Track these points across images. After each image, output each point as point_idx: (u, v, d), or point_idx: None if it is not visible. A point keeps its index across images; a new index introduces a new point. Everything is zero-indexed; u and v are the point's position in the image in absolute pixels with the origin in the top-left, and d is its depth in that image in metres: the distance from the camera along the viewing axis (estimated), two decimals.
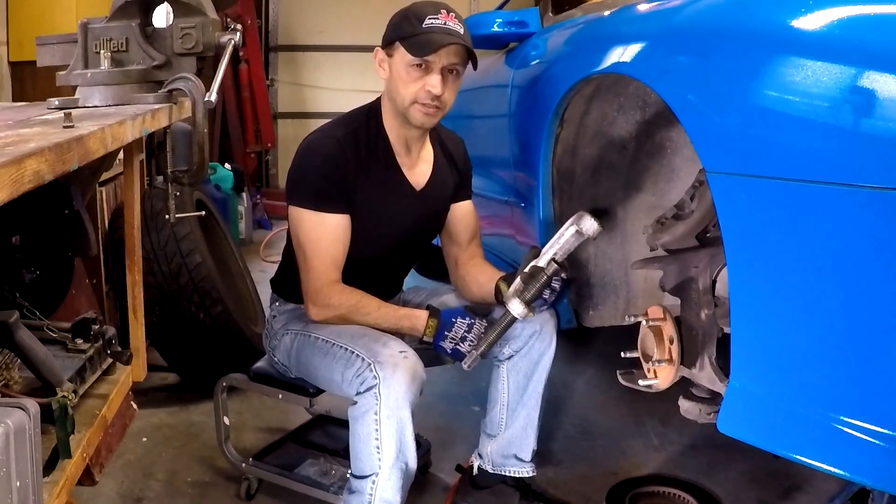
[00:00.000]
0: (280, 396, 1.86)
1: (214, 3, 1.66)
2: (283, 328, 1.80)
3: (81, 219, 1.73)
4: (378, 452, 1.51)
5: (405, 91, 1.65)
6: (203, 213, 2.58)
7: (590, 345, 2.97)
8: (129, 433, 2.26)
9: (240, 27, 1.73)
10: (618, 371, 1.63)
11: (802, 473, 2.01)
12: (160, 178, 1.76)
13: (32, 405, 1.12)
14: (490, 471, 1.89)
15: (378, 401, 1.50)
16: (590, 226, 1.61)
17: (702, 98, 1.23)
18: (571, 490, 2.00)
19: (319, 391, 1.80)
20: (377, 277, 1.75)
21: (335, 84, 6.38)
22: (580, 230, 1.62)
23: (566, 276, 1.67)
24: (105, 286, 2.50)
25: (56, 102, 1.54)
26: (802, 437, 1.11)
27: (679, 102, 1.27)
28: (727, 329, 1.37)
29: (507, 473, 1.87)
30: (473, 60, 1.68)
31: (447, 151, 1.87)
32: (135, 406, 2.36)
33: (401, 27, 1.64)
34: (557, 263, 1.62)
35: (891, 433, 1.01)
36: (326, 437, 2.14)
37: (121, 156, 2.00)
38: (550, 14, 2.33)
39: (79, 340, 1.64)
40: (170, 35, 1.61)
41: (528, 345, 1.78)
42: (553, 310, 1.80)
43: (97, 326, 1.68)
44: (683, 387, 1.50)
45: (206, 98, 1.55)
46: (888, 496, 1.35)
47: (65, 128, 1.13)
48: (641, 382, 1.56)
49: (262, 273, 3.77)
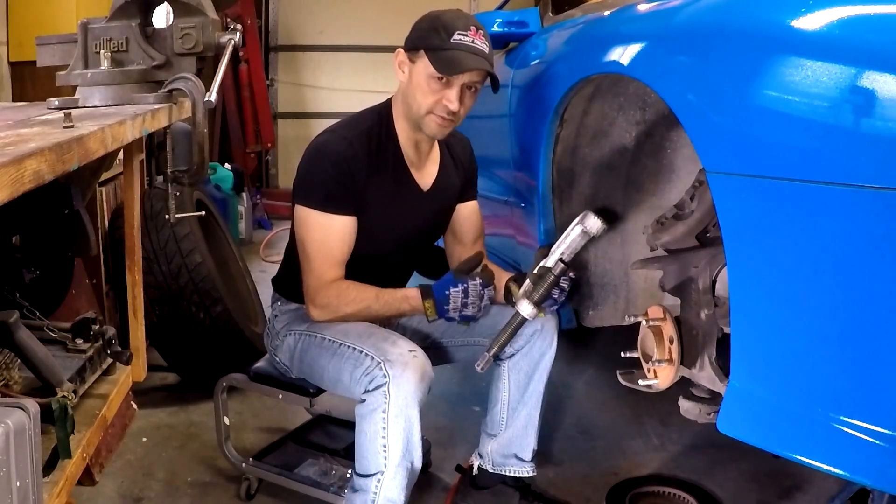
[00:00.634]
0: (280, 396, 1.86)
1: (214, 3, 1.67)
2: (286, 328, 1.80)
3: (81, 219, 1.73)
4: (384, 451, 1.51)
5: (423, 100, 1.66)
6: (203, 213, 2.58)
7: (590, 345, 2.97)
8: (129, 433, 2.26)
9: (240, 27, 1.73)
10: (618, 371, 1.63)
11: (802, 473, 2.01)
12: (160, 178, 1.76)
13: (32, 405, 1.12)
14: (490, 470, 1.89)
15: (387, 399, 1.49)
16: (593, 224, 1.61)
17: (702, 98, 1.23)
18: (571, 490, 2.00)
19: (319, 391, 1.80)
20: (381, 277, 1.75)
21: (335, 84, 6.38)
22: (585, 229, 1.62)
23: (574, 276, 1.67)
24: (105, 286, 2.51)
25: (56, 102, 1.54)
26: (802, 437, 1.11)
27: (679, 102, 1.27)
28: (727, 329, 1.37)
29: (508, 473, 1.87)
30: (494, 82, 1.71)
31: (454, 152, 1.88)
32: (135, 406, 2.36)
33: (429, 37, 1.63)
34: (565, 263, 1.63)
35: (891, 433, 1.01)
36: (326, 438, 2.14)
37: (121, 156, 2.01)
38: (550, 14, 2.33)
39: (79, 340, 1.64)
40: (170, 35, 1.61)
41: (530, 343, 1.78)
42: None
43: (97, 326, 1.68)
44: (683, 387, 1.50)
45: (206, 98, 1.55)
46: (888, 496, 1.35)
47: (65, 128, 1.13)
48: (641, 382, 1.56)
49: (262, 273, 3.77)
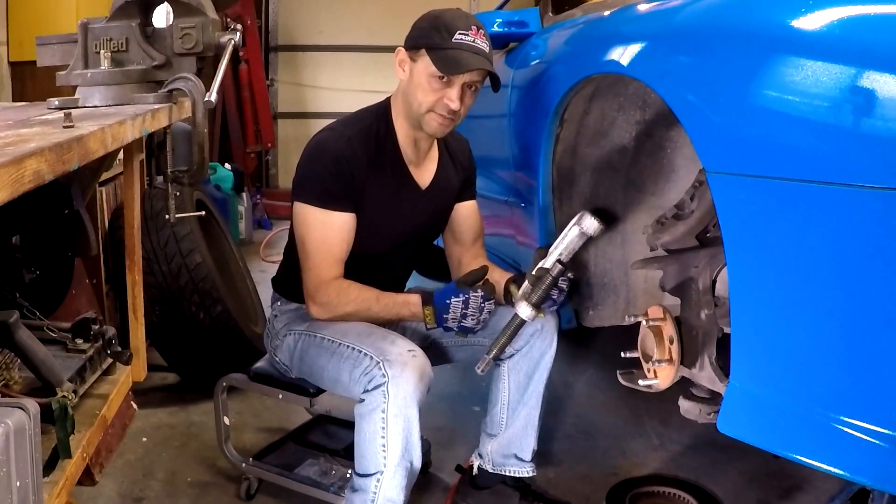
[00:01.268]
0: (280, 396, 1.86)
1: (214, 3, 1.66)
2: (286, 328, 1.80)
3: (81, 219, 1.73)
4: (384, 451, 1.51)
5: (424, 99, 1.67)
6: (203, 213, 2.58)
7: (590, 345, 2.97)
8: (129, 433, 2.26)
9: (240, 27, 1.73)
10: (618, 371, 1.63)
11: (802, 473, 2.01)
12: (160, 178, 1.76)
13: (32, 405, 1.12)
14: (490, 471, 1.89)
15: (386, 399, 1.50)
16: (590, 224, 1.61)
17: (702, 98, 1.23)
18: (571, 490, 2.00)
19: (319, 391, 1.80)
20: (380, 276, 1.75)
21: (335, 84, 6.38)
22: (583, 230, 1.62)
23: (572, 276, 1.67)
24: (105, 286, 2.50)
25: (56, 102, 1.54)
26: (802, 437, 1.11)
27: (679, 102, 1.27)
28: (727, 329, 1.37)
29: (507, 473, 1.87)
30: (496, 82, 1.71)
31: (452, 152, 1.89)
32: (135, 406, 2.36)
33: (430, 36, 1.64)
34: (562, 264, 1.63)
35: (891, 433, 1.01)
36: (326, 438, 2.14)
37: (121, 156, 2.00)
38: (550, 14, 2.33)
39: (79, 340, 1.64)
40: (170, 35, 1.61)
41: (529, 344, 1.78)
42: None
43: (97, 326, 1.68)
44: (683, 387, 1.50)
45: (206, 98, 1.55)
46: (888, 496, 1.35)
47: (65, 128, 1.13)
48: (641, 382, 1.56)
49: (262, 273, 3.77)
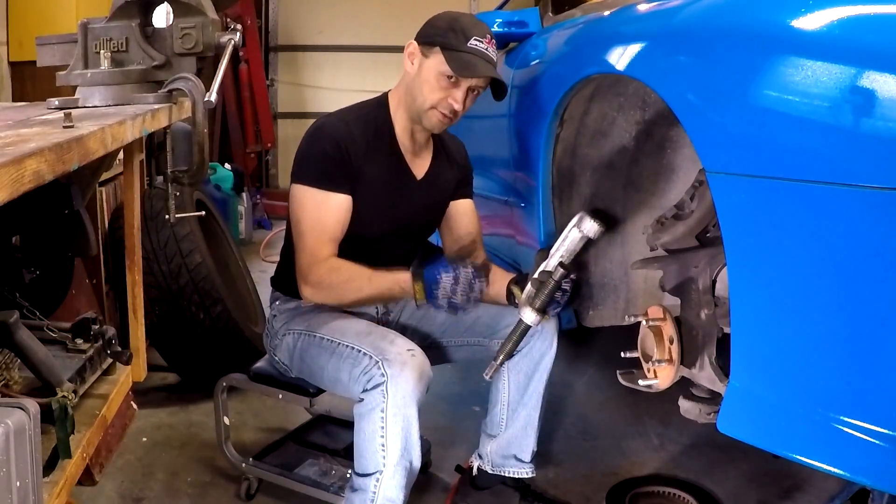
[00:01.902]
0: (280, 396, 1.86)
1: (214, 3, 1.66)
2: (285, 327, 1.80)
3: (81, 219, 1.73)
4: (383, 450, 1.51)
5: (430, 95, 1.71)
6: (203, 213, 2.58)
7: (590, 345, 2.97)
8: (129, 433, 2.26)
9: (240, 27, 1.73)
10: (618, 371, 1.63)
11: (802, 473, 2.01)
12: (160, 178, 1.76)
13: (32, 405, 1.12)
14: (490, 471, 1.89)
15: (385, 398, 1.50)
16: (591, 227, 1.61)
17: (702, 98, 1.23)
18: (571, 490, 2.00)
19: (319, 391, 1.80)
20: (373, 266, 1.75)
21: (335, 84, 6.38)
22: (583, 233, 1.62)
23: (574, 277, 1.67)
24: (105, 286, 2.50)
25: (56, 102, 1.54)
26: (802, 437, 1.11)
27: (679, 102, 1.27)
28: (727, 329, 1.37)
29: (507, 474, 1.87)
30: (501, 91, 1.75)
31: (448, 149, 1.91)
32: (135, 406, 2.36)
33: (446, 36, 1.69)
34: (564, 267, 1.62)
35: (891, 433, 1.01)
36: (326, 438, 2.14)
37: (121, 156, 2.00)
38: (550, 14, 2.33)
39: (79, 340, 1.64)
40: (170, 35, 1.61)
41: (530, 344, 1.78)
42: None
43: (97, 326, 1.68)
44: (683, 387, 1.50)
45: (206, 98, 1.55)
46: (888, 496, 1.35)
47: (65, 128, 1.13)
48: (641, 382, 1.56)
49: (262, 273, 3.76)
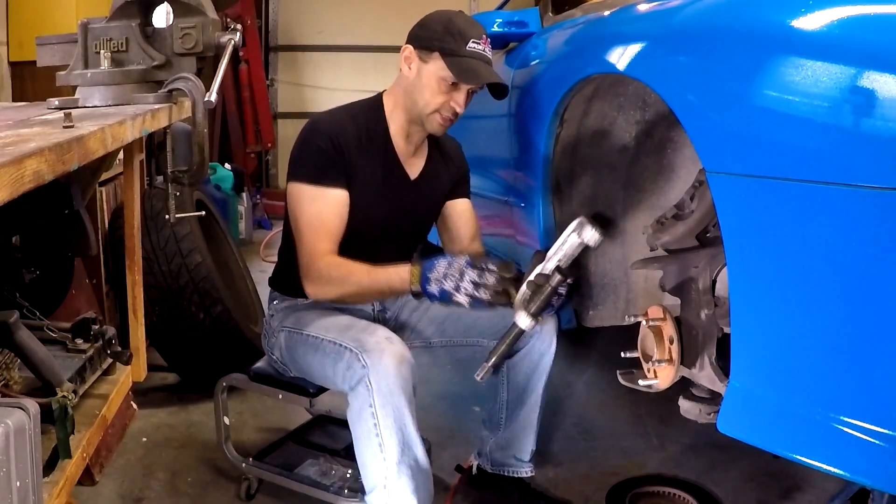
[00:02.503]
0: (280, 396, 1.86)
1: (214, 3, 1.66)
2: (280, 325, 1.80)
3: (81, 219, 1.73)
4: (381, 451, 1.47)
5: (432, 99, 1.71)
6: (203, 213, 2.58)
7: (590, 345, 2.97)
8: (129, 433, 2.26)
9: (240, 27, 1.73)
10: (618, 371, 1.63)
11: (802, 473, 2.01)
12: (160, 178, 1.76)
13: (32, 405, 1.12)
14: (489, 471, 1.89)
15: (370, 390, 1.48)
16: (591, 236, 1.60)
17: (702, 98, 1.23)
18: (571, 490, 2.00)
19: (319, 391, 1.80)
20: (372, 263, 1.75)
21: (335, 84, 6.39)
22: (583, 241, 1.61)
23: (571, 282, 1.65)
24: (105, 286, 2.51)
25: (56, 102, 1.54)
26: (802, 437, 1.11)
27: (679, 102, 1.27)
28: (727, 329, 1.37)
29: (506, 473, 1.88)
30: (502, 92, 1.76)
31: (443, 149, 1.91)
32: (135, 406, 2.36)
33: (444, 40, 1.68)
34: (561, 273, 1.61)
35: (891, 433, 1.01)
36: (327, 437, 2.14)
37: (121, 156, 2.00)
38: (550, 14, 2.33)
39: (79, 340, 1.64)
40: (170, 35, 1.61)
41: (529, 345, 1.78)
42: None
43: (97, 326, 1.68)
44: (683, 387, 1.50)
45: (206, 98, 1.55)
46: (888, 496, 1.35)
47: (65, 128, 1.13)
48: (641, 382, 1.56)
49: (262, 273, 3.74)
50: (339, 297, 1.71)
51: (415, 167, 1.84)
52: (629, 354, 1.64)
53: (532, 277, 1.61)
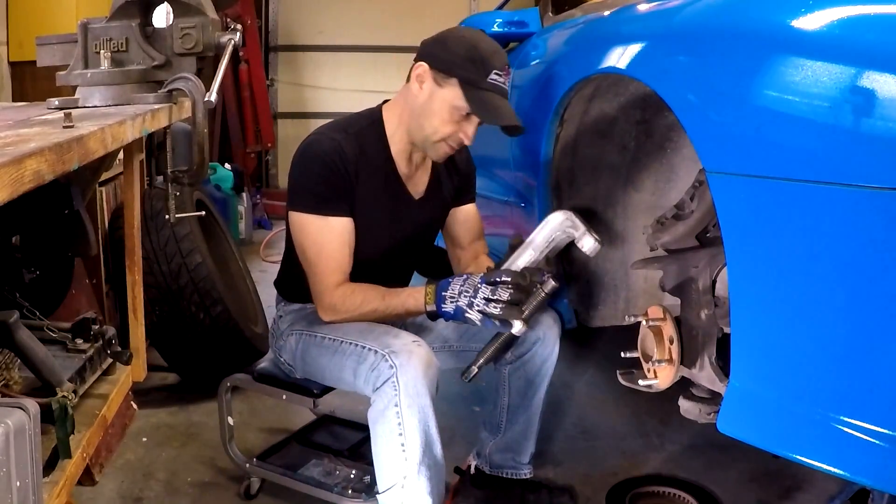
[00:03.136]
0: (284, 397, 1.85)
1: (214, 3, 1.67)
2: (290, 328, 1.79)
3: (81, 219, 1.73)
4: (403, 451, 1.46)
5: (441, 128, 1.62)
6: (203, 213, 2.58)
7: (590, 345, 2.97)
8: (129, 433, 2.26)
9: (240, 27, 1.73)
10: (618, 371, 1.63)
11: (802, 473, 2.01)
12: (160, 178, 1.76)
13: (32, 405, 1.12)
14: (487, 472, 1.89)
15: (397, 390, 1.47)
16: (592, 247, 1.60)
17: (702, 98, 1.23)
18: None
19: (324, 391, 1.79)
20: (378, 280, 1.75)
21: (335, 84, 6.39)
22: (584, 251, 1.61)
23: (557, 284, 1.62)
24: (105, 286, 2.50)
25: (56, 102, 1.54)
26: (802, 437, 1.11)
27: (679, 102, 1.27)
28: (727, 329, 1.37)
29: (505, 475, 1.88)
30: (517, 131, 1.66)
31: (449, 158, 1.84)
32: (135, 406, 2.36)
33: (465, 67, 1.57)
34: (554, 279, 1.60)
35: (891, 433, 1.01)
36: (331, 438, 2.14)
37: (121, 156, 2.00)
38: (550, 14, 2.33)
39: (79, 340, 1.64)
40: (170, 35, 1.61)
41: (532, 351, 1.77)
42: (557, 315, 1.79)
43: (97, 326, 1.68)
44: (683, 387, 1.50)
45: (206, 98, 1.55)
46: (888, 496, 1.35)
47: (65, 128, 1.13)
48: (641, 382, 1.56)
49: (262, 273, 3.77)
50: (356, 322, 1.67)
51: (419, 185, 1.78)
52: (629, 354, 1.64)
53: (519, 270, 1.60)
